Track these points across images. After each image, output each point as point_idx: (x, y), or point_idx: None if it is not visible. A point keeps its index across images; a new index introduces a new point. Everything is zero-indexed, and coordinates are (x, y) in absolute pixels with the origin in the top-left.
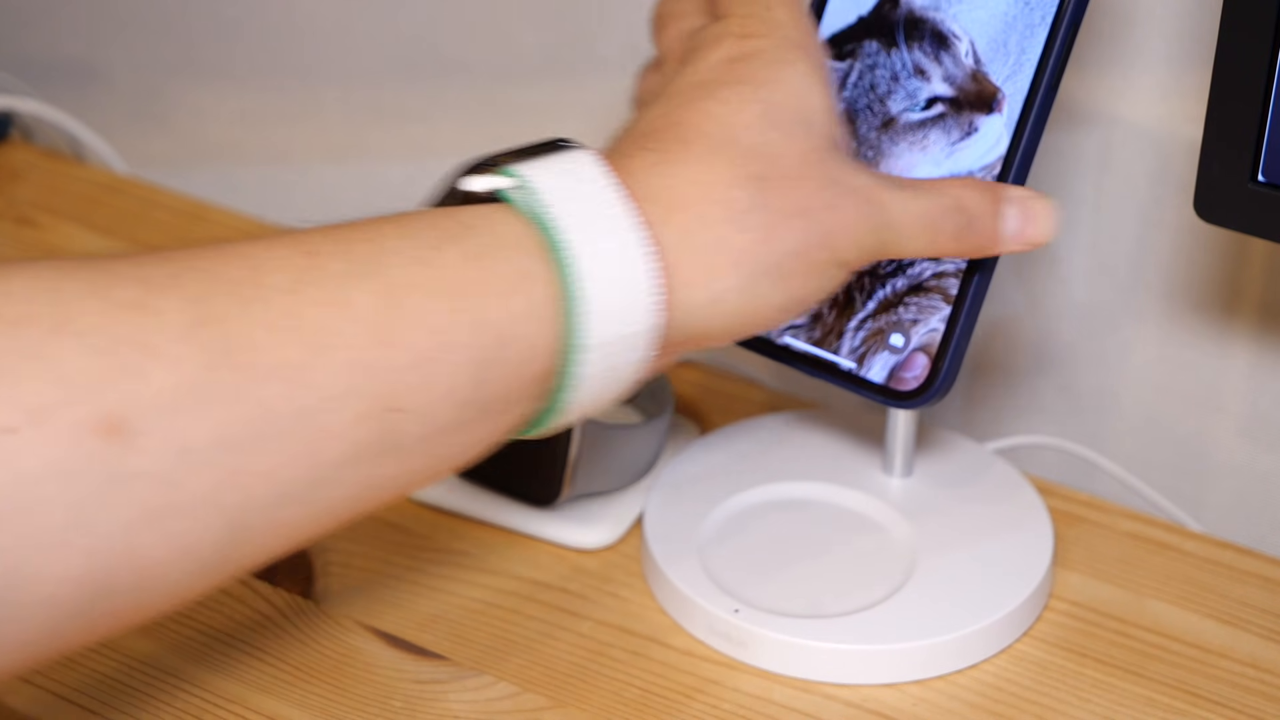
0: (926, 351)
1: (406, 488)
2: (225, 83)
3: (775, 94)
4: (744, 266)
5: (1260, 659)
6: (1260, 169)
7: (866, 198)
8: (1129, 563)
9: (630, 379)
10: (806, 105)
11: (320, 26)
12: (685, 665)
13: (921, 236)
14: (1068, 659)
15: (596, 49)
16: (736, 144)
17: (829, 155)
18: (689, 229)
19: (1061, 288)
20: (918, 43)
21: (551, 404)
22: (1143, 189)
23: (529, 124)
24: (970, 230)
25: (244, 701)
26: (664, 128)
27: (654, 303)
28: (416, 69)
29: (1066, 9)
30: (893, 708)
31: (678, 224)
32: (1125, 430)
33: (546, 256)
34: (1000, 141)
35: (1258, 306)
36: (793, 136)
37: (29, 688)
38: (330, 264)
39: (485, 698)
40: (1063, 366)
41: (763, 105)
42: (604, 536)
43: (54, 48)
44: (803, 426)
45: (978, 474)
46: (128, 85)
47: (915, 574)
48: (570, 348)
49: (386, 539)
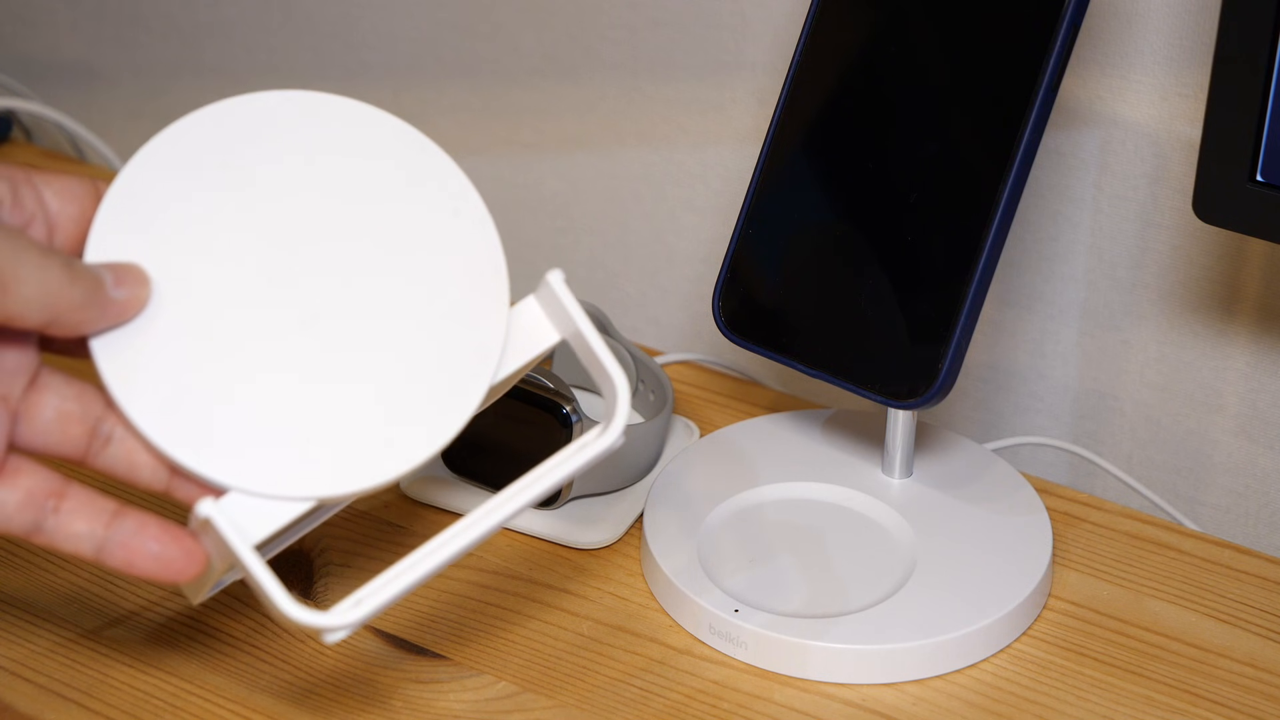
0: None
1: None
2: (225, 83)
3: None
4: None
5: (1259, 658)
6: (1259, 169)
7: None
8: (1128, 562)
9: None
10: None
11: (320, 27)
12: (684, 664)
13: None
14: (1067, 658)
15: (596, 49)
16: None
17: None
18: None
19: (1061, 288)
20: None
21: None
22: (1142, 189)
23: (529, 124)
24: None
25: (244, 701)
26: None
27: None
28: (416, 69)
29: (1066, 9)
30: (893, 707)
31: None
32: (1125, 430)
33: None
34: None
35: (1256, 306)
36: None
37: (29, 687)
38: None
39: (485, 698)
40: (1063, 366)
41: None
42: (604, 536)
43: (54, 48)
44: (803, 426)
45: (978, 474)
46: (128, 85)
47: (915, 574)
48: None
49: (386, 539)
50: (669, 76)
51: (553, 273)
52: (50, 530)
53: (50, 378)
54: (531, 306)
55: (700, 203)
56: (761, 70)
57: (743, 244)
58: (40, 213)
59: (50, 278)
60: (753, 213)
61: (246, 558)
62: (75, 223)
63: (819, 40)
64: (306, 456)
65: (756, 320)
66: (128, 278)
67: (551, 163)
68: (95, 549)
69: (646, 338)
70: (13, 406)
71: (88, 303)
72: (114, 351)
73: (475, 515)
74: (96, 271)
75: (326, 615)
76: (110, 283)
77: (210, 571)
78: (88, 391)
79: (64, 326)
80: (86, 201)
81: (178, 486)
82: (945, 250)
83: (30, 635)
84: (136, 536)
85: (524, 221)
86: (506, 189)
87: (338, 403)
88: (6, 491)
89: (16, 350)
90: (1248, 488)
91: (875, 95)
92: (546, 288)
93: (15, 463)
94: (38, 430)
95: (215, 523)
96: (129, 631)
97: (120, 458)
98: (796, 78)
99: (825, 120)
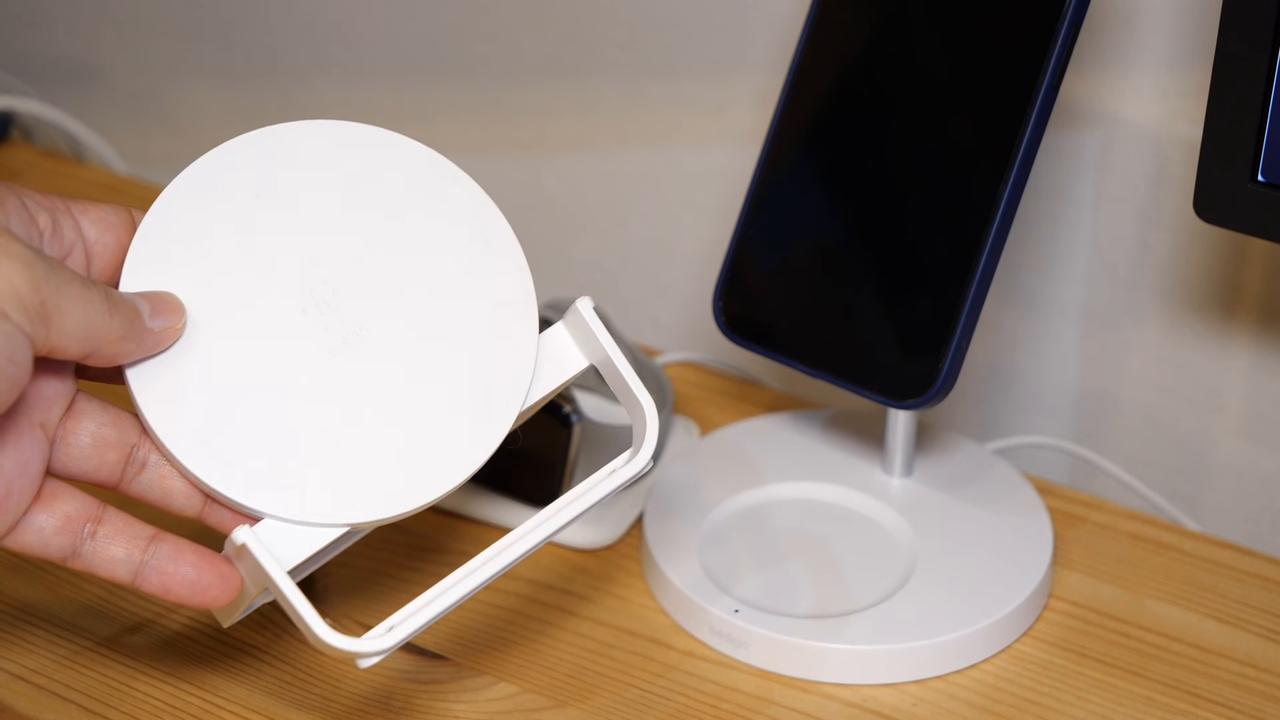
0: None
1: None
2: (225, 83)
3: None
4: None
5: (1260, 659)
6: (1260, 169)
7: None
8: (1129, 562)
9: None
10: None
11: (320, 27)
12: (685, 665)
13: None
14: (1067, 659)
15: (596, 49)
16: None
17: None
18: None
19: (1061, 288)
20: None
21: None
22: (1143, 189)
23: (529, 124)
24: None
25: (244, 701)
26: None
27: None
28: (416, 69)
29: (1067, 9)
30: (893, 708)
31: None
32: (1125, 430)
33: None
34: None
35: (1257, 306)
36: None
37: (29, 688)
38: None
39: (485, 698)
40: (1063, 366)
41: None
42: (604, 536)
43: (54, 48)
44: (803, 426)
45: (978, 474)
46: (128, 85)
47: (915, 574)
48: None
49: (386, 539)
50: (669, 77)
51: (582, 300)
52: (87, 555)
53: (87, 404)
54: (560, 333)
55: (700, 203)
56: (761, 70)
57: (743, 244)
58: (79, 242)
59: (92, 310)
60: (753, 213)
61: (283, 584)
62: (112, 252)
63: (819, 40)
64: (339, 484)
65: (756, 320)
66: (164, 308)
67: (551, 163)
68: (131, 574)
69: (646, 338)
70: (51, 433)
71: (127, 335)
72: (149, 380)
73: (497, 547)
74: (134, 302)
75: (360, 642)
76: (147, 313)
77: (244, 596)
78: (123, 418)
79: (103, 357)
80: (122, 231)
81: (211, 513)
82: (946, 250)
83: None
84: (173, 562)
85: (524, 221)
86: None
87: (369, 431)
88: (45, 517)
89: (56, 379)
90: (1248, 488)
91: (875, 95)
92: (575, 314)
93: (52, 488)
94: (74, 456)
95: (251, 549)
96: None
97: (154, 484)
98: (796, 78)
99: (825, 120)
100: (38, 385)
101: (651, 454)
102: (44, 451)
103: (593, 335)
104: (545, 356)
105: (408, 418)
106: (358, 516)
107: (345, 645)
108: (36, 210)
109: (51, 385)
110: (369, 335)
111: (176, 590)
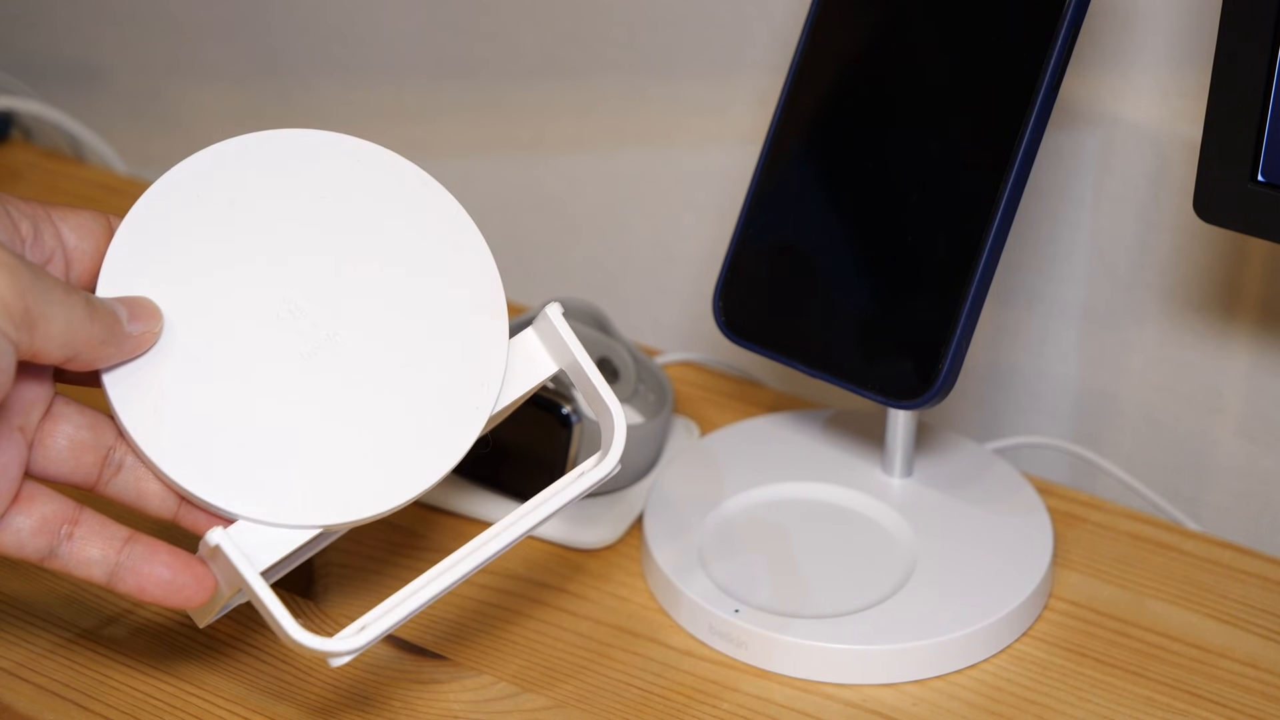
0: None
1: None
2: (225, 83)
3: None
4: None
5: (1259, 659)
6: (1260, 169)
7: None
8: (1128, 562)
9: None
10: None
11: (320, 27)
12: (685, 665)
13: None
14: (1067, 659)
15: (596, 49)
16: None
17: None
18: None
19: (1061, 288)
20: None
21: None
22: (1143, 189)
23: (529, 124)
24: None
25: (242, 701)
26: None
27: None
28: (416, 69)
29: (1067, 9)
30: (893, 708)
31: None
32: (1125, 430)
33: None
34: None
35: (1257, 306)
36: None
37: (29, 688)
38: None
39: (485, 698)
40: (1063, 366)
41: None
42: (604, 536)
43: (54, 48)
44: (803, 426)
45: (978, 474)
46: (128, 85)
47: (915, 574)
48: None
49: (386, 539)
50: (669, 77)
51: (551, 305)
52: (64, 556)
53: (64, 407)
54: (530, 338)
55: (700, 203)
56: (761, 70)
57: (743, 244)
58: (59, 249)
59: (74, 316)
60: (753, 213)
61: (255, 584)
62: (90, 257)
63: (819, 40)
64: (312, 486)
65: (756, 320)
66: (141, 313)
67: (551, 163)
68: (107, 574)
69: (646, 338)
70: (29, 436)
71: (107, 340)
72: (125, 384)
73: (468, 548)
74: (112, 307)
75: (332, 641)
76: (125, 318)
77: (218, 597)
78: (100, 421)
79: (82, 362)
80: (100, 237)
81: (185, 515)
82: (946, 250)
83: (29, 636)
84: (148, 562)
85: (524, 221)
86: (506, 189)
87: (342, 433)
88: (22, 518)
89: (35, 383)
90: (1248, 488)
91: (875, 95)
92: (545, 320)
93: (30, 490)
94: (52, 459)
95: (225, 550)
96: (126, 632)
97: (130, 486)
98: (796, 78)
99: (825, 120)
100: (18, 389)
101: (619, 457)
102: (22, 454)
103: (562, 340)
104: (515, 361)
105: (379, 422)
106: (330, 518)
107: (317, 645)
108: (19, 217)
109: (31, 389)
110: (342, 340)
111: (151, 591)
